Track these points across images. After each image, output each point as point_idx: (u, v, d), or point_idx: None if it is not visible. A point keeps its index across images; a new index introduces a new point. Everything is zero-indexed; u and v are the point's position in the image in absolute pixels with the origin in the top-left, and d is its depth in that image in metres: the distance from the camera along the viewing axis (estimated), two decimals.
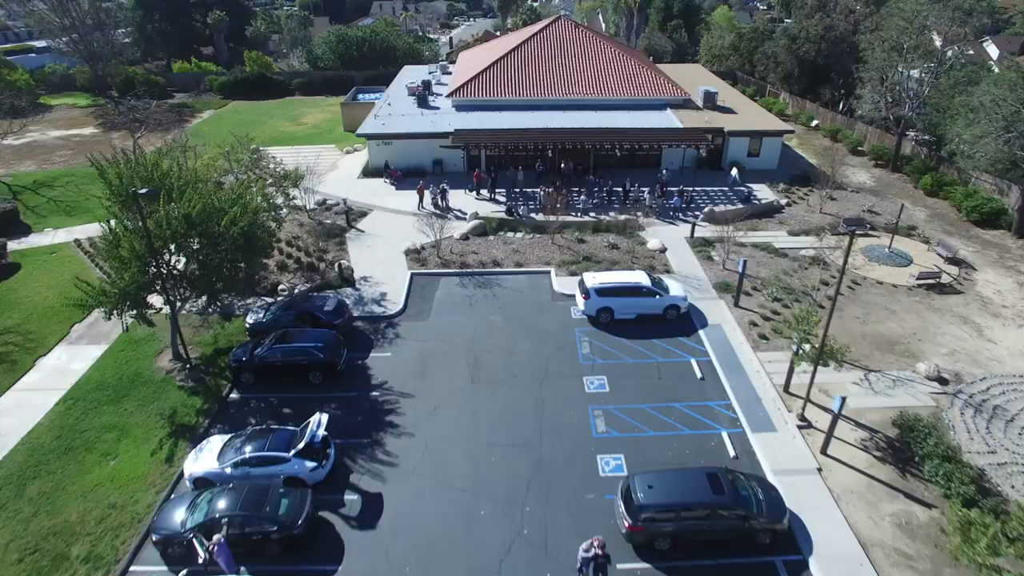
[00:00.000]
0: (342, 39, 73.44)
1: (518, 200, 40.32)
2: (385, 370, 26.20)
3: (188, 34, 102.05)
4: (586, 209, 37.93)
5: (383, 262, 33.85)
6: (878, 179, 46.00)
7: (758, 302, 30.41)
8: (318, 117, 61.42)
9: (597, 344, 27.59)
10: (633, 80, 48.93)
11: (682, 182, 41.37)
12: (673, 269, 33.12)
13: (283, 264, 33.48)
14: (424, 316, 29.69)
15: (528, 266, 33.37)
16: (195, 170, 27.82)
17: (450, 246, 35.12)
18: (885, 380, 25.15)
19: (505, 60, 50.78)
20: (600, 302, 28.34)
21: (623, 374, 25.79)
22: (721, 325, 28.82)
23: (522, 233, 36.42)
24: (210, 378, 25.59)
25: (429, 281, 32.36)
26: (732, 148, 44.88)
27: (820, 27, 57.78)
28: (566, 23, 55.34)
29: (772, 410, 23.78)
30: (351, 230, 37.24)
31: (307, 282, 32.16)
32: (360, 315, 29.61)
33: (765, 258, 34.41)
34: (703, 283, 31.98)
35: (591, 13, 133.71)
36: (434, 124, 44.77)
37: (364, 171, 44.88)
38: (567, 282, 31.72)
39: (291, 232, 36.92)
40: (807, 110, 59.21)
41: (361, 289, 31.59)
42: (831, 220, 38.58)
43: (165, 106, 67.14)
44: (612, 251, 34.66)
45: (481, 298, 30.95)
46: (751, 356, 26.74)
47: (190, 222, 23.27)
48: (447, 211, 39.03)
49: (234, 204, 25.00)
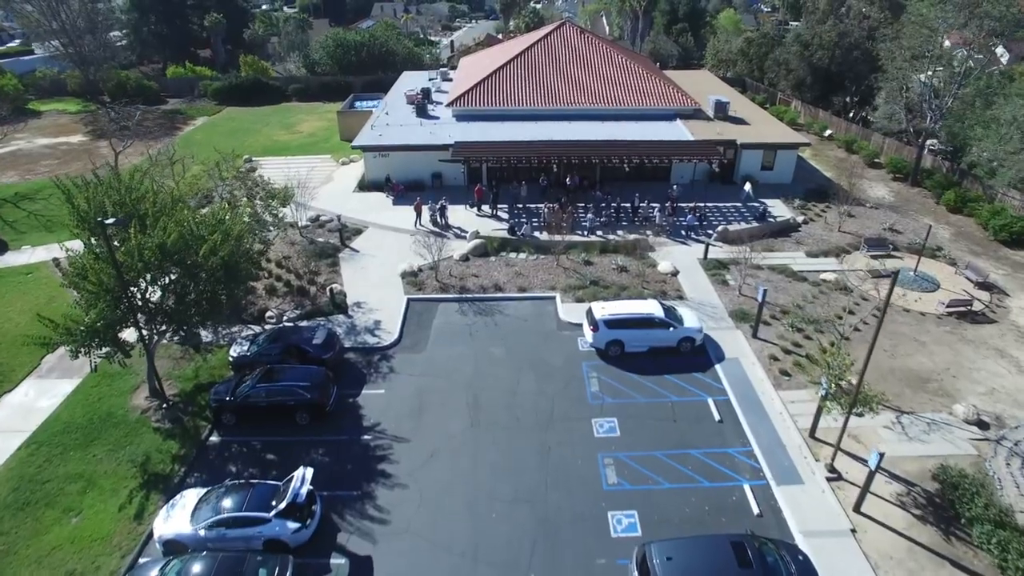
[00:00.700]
0: (340, 43, 71.52)
1: (521, 217, 38.40)
2: (378, 410, 24.28)
3: (185, 37, 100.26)
4: (593, 228, 35.98)
5: (378, 285, 31.94)
6: (897, 194, 44.01)
7: (777, 332, 28.46)
8: (314, 125, 59.52)
9: (606, 381, 25.64)
10: (641, 89, 46.99)
11: (694, 198, 39.42)
12: (686, 295, 31.17)
13: (272, 288, 31.57)
14: (421, 347, 27.77)
15: (532, 291, 31.44)
16: (173, 192, 25.87)
17: (449, 268, 33.20)
18: (919, 423, 23.19)
19: (508, 67, 48.90)
20: (609, 335, 26.40)
21: (635, 415, 23.85)
22: (739, 359, 26.87)
23: (525, 254, 34.50)
24: (189, 418, 23.68)
25: (426, 307, 30.43)
26: (745, 161, 42.93)
27: (834, 33, 55.78)
28: (571, 28, 53.43)
29: (798, 459, 21.83)
30: (345, 249, 35.32)
31: (297, 308, 30.24)
32: (352, 346, 27.68)
33: (783, 282, 32.46)
34: (718, 311, 30.03)
35: (594, 16, 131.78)
36: (433, 135, 42.85)
37: (360, 184, 42.97)
38: (573, 309, 29.79)
39: (281, 251, 35.02)
40: (820, 119, 57.22)
41: (354, 316, 29.66)
42: (851, 240, 36.63)
43: (157, 112, 65.40)
44: (621, 274, 32.70)
45: (482, 327, 29.02)
46: (772, 395, 24.79)
47: (165, 252, 21.37)
48: (446, 229, 37.11)
49: (214, 230, 23.11)
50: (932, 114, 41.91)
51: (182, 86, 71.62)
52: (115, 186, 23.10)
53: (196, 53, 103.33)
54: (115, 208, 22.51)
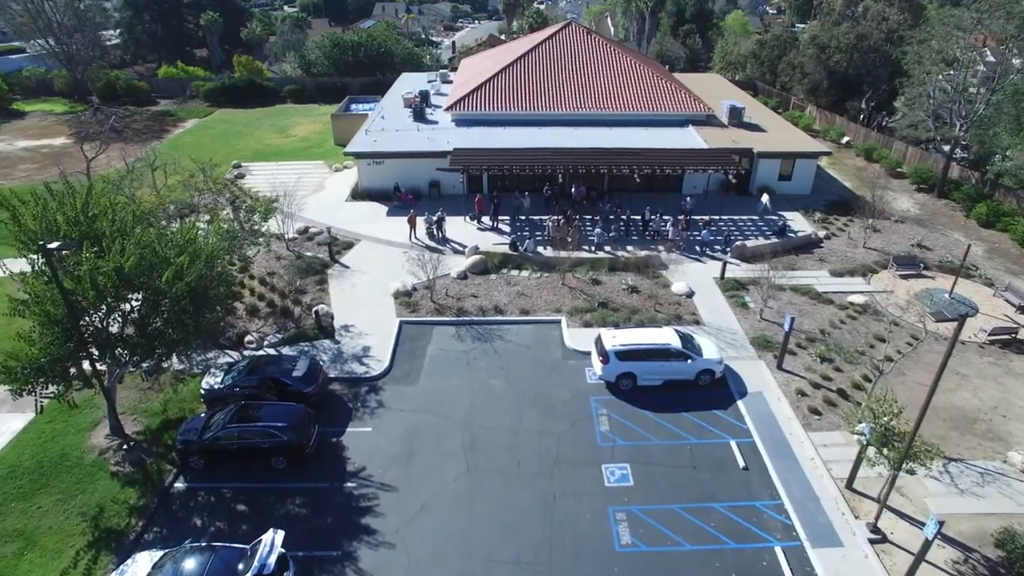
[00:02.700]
0: (336, 44, 69.05)
1: (523, 230, 35.93)
2: (364, 452, 21.81)
3: (180, 36, 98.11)
4: (601, 243, 33.49)
5: (368, 306, 29.47)
6: (923, 206, 41.47)
7: (804, 363, 25.95)
8: (308, 128, 57.07)
9: (617, 419, 23.15)
10: (651, 93, 44.51)
11: (708, 210, 36.93)
12: (703, 319, 28.68)
13: (254, 308, 29.11)
14: (413, 378, 25.28)
15: (535, 313, 28.95)
16: (137, 208, 23.38)
17: (446, 287, 30.73)
18: (971, 473, 20.68)
19: (510, 70, 46.43)
20: (620, 367, 23.90)
21: (649, 460, 21.35)
22: (763, 394, 24.36)
23: (528, 271, 32.01)
24: (153, 461, 21.22)
25: (420, 332, 27.95)
26: (761, 171, 40.42)
27: (852, 36, 53.25)
28: (577, 29, 50.94)
29: (834, 515, 19.33)
30: (334, 265, 32.86)
31: (279, 331, 27.79)
32: (338, 375, 25.21)
33: (807, 305, 29.96)
34: (738, 337, 27.53)
35: (599, 17, 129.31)
36: (431, 141, 40.39)
37: (353, 193, 40.50)
38: (581, 335, 27.31)
39: (266, 267, 32.58)
40: (837, 125, 54.67)
41: (341, 341, 27.20)
42: (878, 257, 34.15)
43: (147, 113, 63.04)
44: (631, 296, 30.21)
45: (480, 354, 26.53)
46: (802, 436, 22.29)
47: (123, 277, 18.91)
48: (444, 243, 34.65)
49: (182, 251, 20.66)
50: (962, 122, 39.36)
51: (174, 87, 69.23)
52: (69, 201, 20.60)
53: (192, 53, 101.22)
54: (68, 227, 20.07)
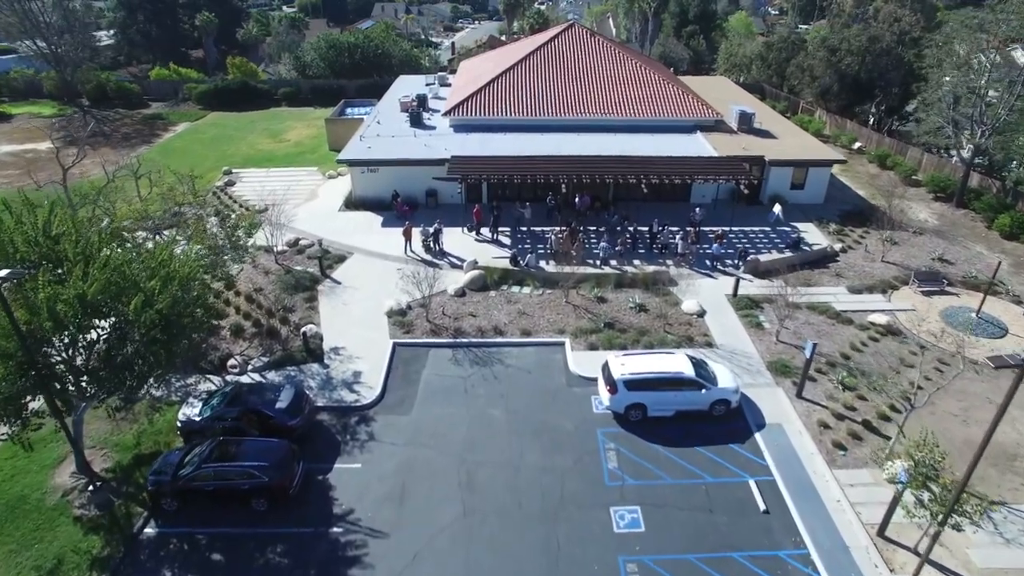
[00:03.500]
0: (332, 45, 67.29)
1: (525, 242, 34.23)
2: (353, 491, 20.11)
3: (175, 37, 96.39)
4: (607, 257, 31.77)
5: (360, 326, 27.75)
6: (941, 216, 39.74)
7: (825, 390, 24.23)
8: (302, 133, 55.35)
9: (626, 454, 21.43)
10: (657, 97, 42.80)
11: (718, 221, 35.19)
12: (715, 341, 26.95)
13: (238, 328, 27.39)
14: (407, 407, 23.56)
15: (537, 334, 27.23)
16: (105, 231, 21.63)
17: (442, 304, 29.01)
18: (1016, 520, 18.97)
19: (511, 73, 44.73)
20: (630, 397, 22.20)
21: (662, 502, 19.65)
22: (782, 426, 22.64)
23: (530, 288, 30.29)
24: (122, 503, 19.53)
25: (415, 355, 26.22)
26: (773, 179, 38.65)
27: (863, 38, 51.52)
28: (580, 31, 49.24)
29: (867, 568, 17.63)
30: (325, 280, 31.14)
31: (265, 354, 26.08)
32: (326, 404, 23.51)
33: (825, 325, 28.24)
34: (753, 361, 25.81)
35: (600, 17, 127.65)
36: (428, 148, 38.68)
37: (346, 202, 38.77)
38: (585, 359, 25.60)
39: (253, 282, 30.87)
40: (848, 130, 52.93)
41: (330, 366, 25.48)
42: (897, 272, 32.44)
43: (137, 117, 61.35)
44: (639, 315, 28.49)
45: (479, 380, 24.81)
46: (826, 474, 20.58)
47: (86, 305, 17.21)
48: (440, 256, 32.94)
49: (154, 274, 18.96)
50: (983, 128, 37.63)
51: (166, 89, 67.50)
52: (29, 220, 18.88)
53: (187, 54, 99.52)
54: (27, 248, 18.36)
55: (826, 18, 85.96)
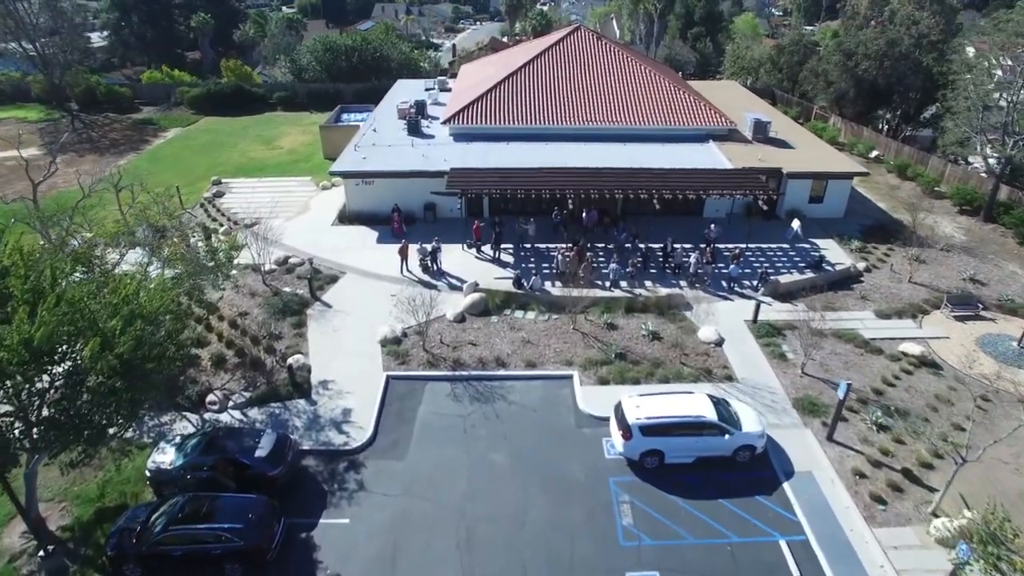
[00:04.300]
0: (329, 48, 65.24)
1: (528, 260, 32.21)
2: (339, 551, 18.06)
3: (170, 38, 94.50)
4: (617, 278, 29.69)
5: (351, 355, 25.69)
6: (968, 231, 37.63)
7: (858, 432, 22.15)
8: (296, 139, 53.31)
9: (642, 508, 19.36)
10: (668, 105, 40.73)
11: (733, 238, 33.14)
12: (735, 373, 24.88)
13: (220, 358, 25.35)
14: (401, 450, 21.50)
15: (543, 366, 25.16)
16: (77, 252, 19.63)
17: (440, 331, 26.95)
18: None
19: (514, 78, 42.68)
20: (645, 444, 20.14)
21: (684, 568, 17.58)
22: (812, 474, 20.57)
23: (534, 313, 28.21)
24: (78, 569, 17.50)
25: (410, 389, 24.16)
26: (791, 192, 36.52)
27: (881, 42, 49.39)
28: (586, 34, 47.17)
29: None
30: (315, 303, 29.09)
31: (248, 388, 24.03)
32: (312, 447, 21.46)
33: (853, 355, 26.15)
34: (778, 398, 23.74)
35: (604, 19, 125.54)
36: (426, 159, 36.64)
37: (340, 217, 36.73)
38: (596, 395, 23.54)
39: (238, 306, 28.83)
40: (865, 138, 50.82)
41: (318, 402, 23.43)
42: (927, 294, 30.37)
43: (127, 122, 59.36)
44: (653, 344, 26.42)
45: (479, 419, 22.75)
46: (865, 534, 18.50)
47: (32, 351, 15.18)
48: (439, 276, 30.90)
49: (115, 313, 16.92)
50: (1017, 138, 35.54)
51: (158, 93, 65.48)
52: None
53: (183, 55, 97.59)
54: None
55: (839, 19, 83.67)
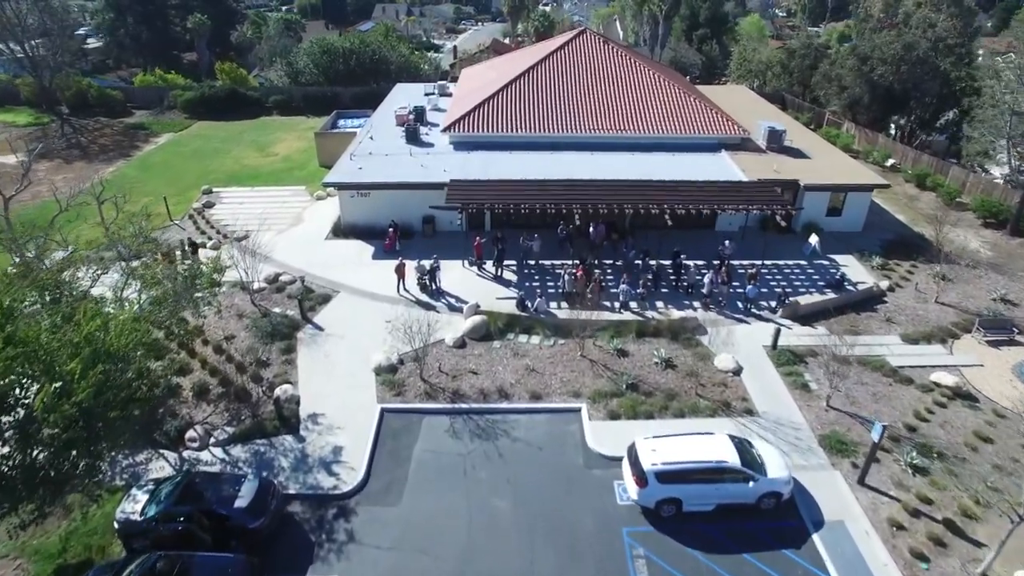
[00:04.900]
0: (326, 50, 63.48)
1: (532, 278, 30.51)
2: None
3: (166, 39, 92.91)
4: (627, 300, 27.95)
5: (344, 385, 23.95)
6: (994, 246, 35.86)
7: (891, 474, 20.40)
8: (292, 145, 51.59)
9: (659, 564, 17.60)
10: (679, 112, 39.01)
11: (748, 254, 31.43)
12: (755, 406, 23.13)
13: (203, 387, 23.63)
14: (395, 495, 19.76)
15: (549, 397, 23.43)
16: (44, 277, 17.91)
17: (439, 357, 25.21)
18: None
19: (517, 83, 41.00)
20: (662, 491, 18.40)
21: None
22: (845, 524, 18.81)
23: (539, 337, 26.47)
24: None
25: (406, 424, 22.43)
26: (807, 206, 34.55)
27: (898, 45, 47.60)
28: (592, 37, 45.43)
29: None
30: (306, 326, 27.37)
31: (231, 421, 22.32)
32: (299, 491, 19.74)
33: (880, 386, 24.40)
34: (802, 435, 21.98)
35: (607, 20, 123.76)
36: (425, 170, 34.92)
37: (334, 230, 35.01)
38: (606, 432, 21.81)
39: (224, 329, 27.10)
40: (881, 145, 49.02)
41: (306, 438, 21.71)
42: (955, 316, 28.62)
43: (118, 127, 57.66)
44: (666, 372, 24.68)
45: (480, 459, 21.01)
46: None
47: None
48: (438, 296, 29.19)
49: (76, 353, 15.22)
50: None
51: (151, 96, 63.78)
52: None
53: (179, 57, 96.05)
54: None
55: (844, 20, 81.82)
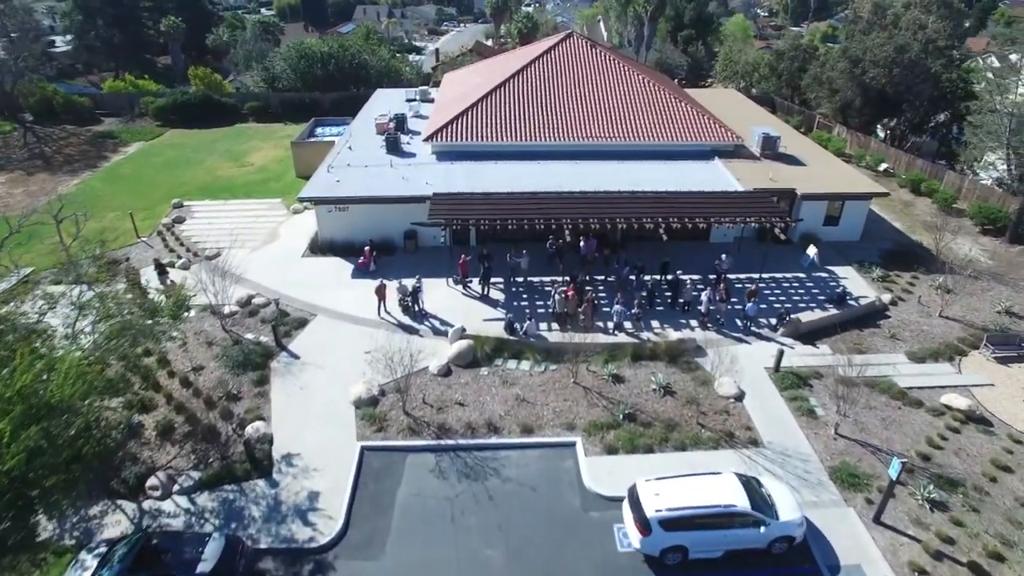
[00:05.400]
0: (304, 55, 61.42)
1: (521, 297, 29.01)
2: None
3: (139, 43, 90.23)
4: (621, 320, 26.50)
5: (321, 420, 22.29)
6: (993, 254, 34.91)
7: (908, 510, 19.12)
8: (268, 155, 49.61)
9: None
10: (670, 118, 37.67)
11: (744, 267, 30.19)
12: (760, 436, 21.78)
13: (168, 426, 21.85)
14: (376, 547, 18.13)
15: (541, 430, 21.91)
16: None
17: (423, 388, 23.60)
18: None
19: (503, 89, 39.45)
20: (667, 539, 16.96)
21: None
22: (862, 568, 17.50)
23: (530, 363, 24.93)
24: None
25: (388, 464, 20.80)
26: (804, 215, 33.35)
27: (890, 48, 46.66)
28: (579, 41, 43.97)
29: None
30: (280, 353, 25.63)
31: (198, 464, 20.56)
32: (271, 546, 18.06)
33: (889, 409, 23.16)
34: (811, 466, 20.66)
35: (591, 21, 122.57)
36: (407, 182, 33.25)
37: (311, 247, 33.26)
38: (604, 468, 20.35)
39: (193, 358, 25.29)
40: (873, 150, 48.09)
41: (280, 483, 20.01)
42: (961, 331, 27.53)
43: (85, 135, 55.31)
44: (664, 400, 23.27)
45: (470, 502, 19.44)
46: None
47: None
48: (421, 318, 27.57)
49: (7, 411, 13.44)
50: None
51: (121, 103, 61.36)
52: None
53: (152, 61, 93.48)
54: None
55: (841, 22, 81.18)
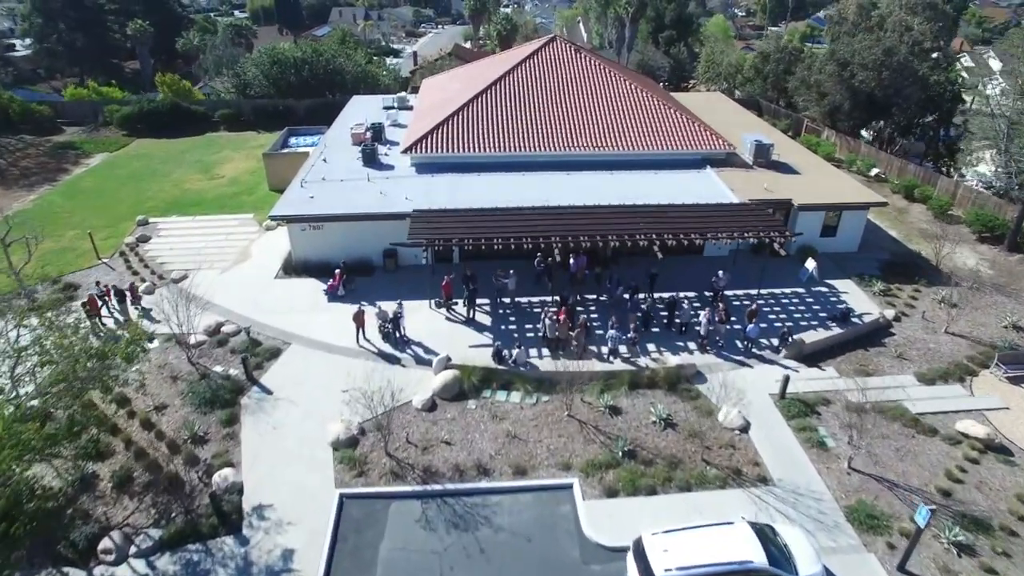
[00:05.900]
0: (276, 60, 59.18)
1: (508, 320, 27.36)
2: None
3: (104, 47, 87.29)
4: (616, 346, 24.95)
5: (295, 465, 20.45)
6: (993, 263, 33.97)
7: (933, 555, 17.77)
8: (239, 166, 47.41)
9: None
10: (659, 125, 36.30)
11: (742, 282, 28.85)
12: (769, 472, 20.34)
13: (126, 476, 19.86)
14: None
15: (535, 471, 20.27)
16: None
17: (405, 426, 21.84)
18: None
19: (484, 97, 37.82)
20: None
21: None
22: None
23: (520, 394, 23.28)
24: None
25: (369, 513, 19.01)
26: (801, 226, 32.16)
27: (878, 51, 45.78)
28: (563, 45, 42.41)
29: None
30: (251, 388, 23.70)
31: (159, 521, 18.61)
32: None
33: (903, 438, 21.88)
34: (825, 506, 19.26)
35: (571, 23, 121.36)
36: (385, 198, 31.46)
37: (285, 267, 31.31)
38: (604, 513, 18.76)
39: (156, 396, 23.28)
40: (864, 154, 47.18)
41: (251, 539, 18.13)
42: (968, 348, 26.42)
43: (44, 145, 52.62)
44: (666, 433, 21.77)
45: (459, 557, 17.73)
46: None
47: None
48: (403, 345, 25.81)
49: None
50: None
51: (84, 111, 58.66)
52: None
53: (120, 66, 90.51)
54: None
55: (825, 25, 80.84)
